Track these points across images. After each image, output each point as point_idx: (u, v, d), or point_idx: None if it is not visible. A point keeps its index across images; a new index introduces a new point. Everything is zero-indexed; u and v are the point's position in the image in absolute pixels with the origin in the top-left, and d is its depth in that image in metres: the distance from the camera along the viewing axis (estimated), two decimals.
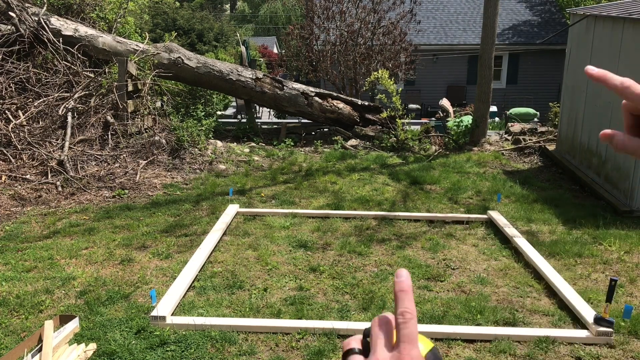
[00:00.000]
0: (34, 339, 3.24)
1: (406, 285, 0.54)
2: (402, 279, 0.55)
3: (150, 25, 20.77)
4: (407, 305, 0.53)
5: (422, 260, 4.86)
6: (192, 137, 8.17)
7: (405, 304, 0.53)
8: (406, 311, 0.52)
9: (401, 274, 0.55)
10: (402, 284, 0.54)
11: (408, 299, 0.53)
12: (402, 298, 0.53)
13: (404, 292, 0.54)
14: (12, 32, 8.06)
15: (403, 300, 0.53)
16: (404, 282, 0.54)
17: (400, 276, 0.55)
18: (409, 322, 0.52)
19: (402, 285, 0.54)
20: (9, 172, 6.67)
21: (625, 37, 6.81)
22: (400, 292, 0.54)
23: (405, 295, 0.53)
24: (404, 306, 0.53)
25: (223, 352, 3.37)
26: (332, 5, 13.29)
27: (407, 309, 0.52)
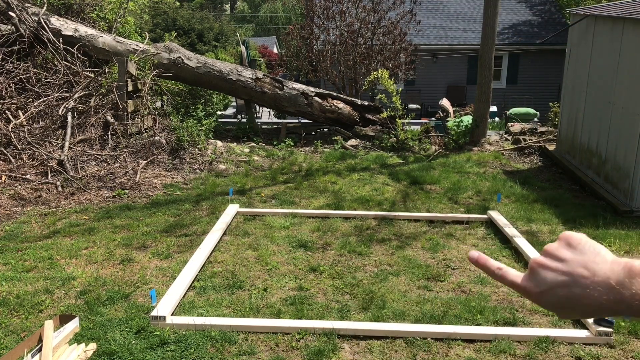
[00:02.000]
0: (34, 339, 3.24)
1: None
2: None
3: (150, 25, 20.77)
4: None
5: (422, 260, 4.86)
6: (192, 137, 8.17)
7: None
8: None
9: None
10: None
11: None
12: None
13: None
14: (12, 32, 8.06)
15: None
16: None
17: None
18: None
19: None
20: (9, 172, 6.67)
21: (625, 37, 6.81)
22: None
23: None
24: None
25: (223, 352, 3.37)
26: (332, 5, 13.29)
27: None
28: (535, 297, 0.62)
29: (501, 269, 0.66)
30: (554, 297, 0.60)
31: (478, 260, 0.67)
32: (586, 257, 0.59)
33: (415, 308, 3.97)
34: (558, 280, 0.59)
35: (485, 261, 0.67)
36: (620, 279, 0.56)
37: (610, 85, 7.13)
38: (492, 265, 0.67)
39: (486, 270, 0.67)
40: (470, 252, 0.68)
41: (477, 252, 0.67)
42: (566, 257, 0.60)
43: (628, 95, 6.63)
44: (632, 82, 6.51)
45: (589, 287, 0.57)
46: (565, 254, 0.61)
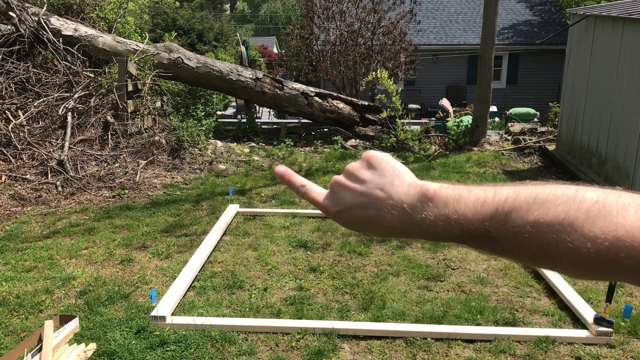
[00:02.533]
0: (34, 339, 3.24)
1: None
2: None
3: (150, 25, 20.77)
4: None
5: (422, 260, 4.86)
6: (192, 137, 8.17)
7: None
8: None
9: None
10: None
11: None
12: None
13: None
14: (12, 32, 8.06)
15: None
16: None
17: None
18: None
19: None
20: (9, 172, 6.67)
21: (625, 37, 6.81)
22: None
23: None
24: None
25: (223, 352, 3.37)
26: (332, 5, 13.29)
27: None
28: (332, 215, 0.62)
29: (305, 186, 0.64)
30: (350, 217, 0.60)
31: (284, 176, 0.65)
32: (385, 179, 0.58)
33: (415, 308, 3.97)
34: (355, 201, 0.59)
35: (291, 177, 0.65)
36: (413, 203, 0.56)
37: (610, 85, 7.13)
38: (297, 182, 0.65)
39: (291, 187, 0.65)
40: (277, 167, 0.66)
41: (283, 167, 0.65)
42: (365, 177, 0.59)
43: (628, 95, 6.63)
44: (632, 82, 6.51)
45: (383, 210, 0.57)
46: (365, 174, 0.60)
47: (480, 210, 0.53)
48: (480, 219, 0.53)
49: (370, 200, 0.58)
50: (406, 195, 0.57)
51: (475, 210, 0.53)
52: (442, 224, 0.54)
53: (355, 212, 0.59)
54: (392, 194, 0.57)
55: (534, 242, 0.50)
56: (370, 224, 0.59)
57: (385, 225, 0.57)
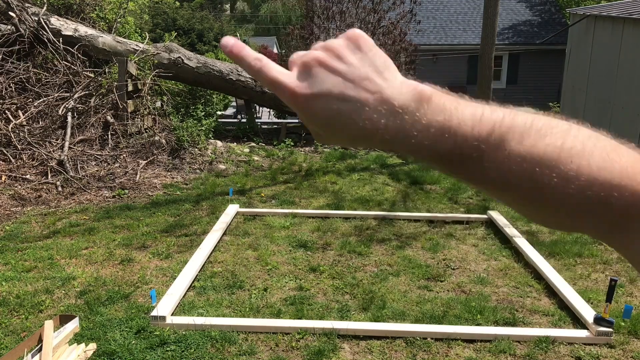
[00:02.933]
0: (34, 339, 3.24)
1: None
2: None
3: (150, 25, 20.77)
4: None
5: (422, 260, 4.86)
6: (192, 137, 8.17)
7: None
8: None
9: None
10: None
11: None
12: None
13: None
14: (12, 32, 8.06)
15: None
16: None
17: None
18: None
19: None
20: (9, 172, 6.67)
21: (625, 37, 6.81)
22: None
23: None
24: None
25: (223, 352, 3.37)
26: (332, 5, 13.29)
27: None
28: (301, 100, 0.48)
29: (260, 60, 0.49)
30: (325, 106, 0.47)
31: (232, 50, 0.49)
32: (375, 69, 0.48)
33: (415, 308, 3.97)
34: (335, 87, 0.47)
35: (241, 50, 0.49)
36: (406, 103, 0.46)
37: (610, 85, 7.13)
38: (249, 56, 0.49)
39: (242, 62, 0.50)
40: (224, 39, 0.50)
41: (232, 39, 0.50)
42: (351, 61, 0.48)
43: (628, 95, 6.63)
44: (632, 82, 6.51)
45: (368, 104, 0.46)
46: (351, 58, 0.48)
47: (477, 125, 0.46)
48: (476, 136, 0.46)
49: (355, 91, 0.47)
50: (399, 93, 0.47)
51: (473, 125, 0.46)
52: (434, 134, 0.46)
53: (332, 102, 0.47)
54: (383, 87, 0.47)
55: (525, 171, 0.45)
56: (346, 120, 0.47)
57: (364, 125, 0.46)
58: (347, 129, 0.47)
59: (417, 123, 0.46)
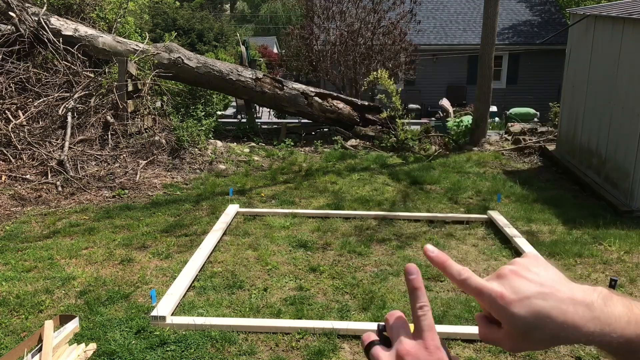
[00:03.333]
0: (34, 339, 3.24)
1: (419, 281, 0.60)
2: (414, 276, 0.60)
3: (150, 25, 20.77)
4: (424, 300, 0.59)
5: (422, 260, 4.86)
6: (192, 137, 8.17)
7: (422, 299, 0.59)
8: (424, 304, 0.59)
9: (412, 271, 0.60)
10: (415, 281, 0.59)
11: (422, 293, 0.59)
12: (418, 295, 0.59)
13: (419, 289, 0.59)
14: (12, 32, 8.06)
15: (419, 296, 0.59)
16: (417, 279, 0.60)
17: (412, 273, 0.60)
18: (428, 313, 0.58)
19: (415, 282, 0.59)
20: (9, 172, 6.67)
21: (625, 37, 6.81)
22: (416, 290, 0.59)
23: (420, 292, 0.59)
24: (422, 301, 0.59)
25: (223, 352, 3.37)
26: (332, 5, 13.29)
27: (424, 302, 0.59)
28: (509, 304, 0.57)
29: (465, 271, 0.60)
30: (530, 306, 0.57)
31: (435, 259, 0.61)
32: (559, 277, 0.60)
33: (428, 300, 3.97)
34: (536, 289, 0.58)
35: (445, 260, 0.61)
36: (595, 300, 0.58)
37: (610, 85, 7.13)
38: (454, 267, 0.60)
39: (445, 271, 0.61)
40: (427, 247, 0.61)
41: (434, 249, 0.61)
42: (540, 272, 0.60)
43: (628, 95, 6.63)
44: (632, 82, 6.51)
45: (564, 302, 0.57)
46: (539, 269, 0.60)
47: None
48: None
49: (551, 292, 0.58)
50: (584, 292, 0.58)
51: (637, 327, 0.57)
52: (620, 323, 0.57)
53: (536, 302, 0.57)
54: (572, 289, 0.58)
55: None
56: (549, 317, 0.57)
57: (565, 319, 0.57)
58: (550, 325, 0.57)
59: (605, 315, 0.57)
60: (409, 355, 0.56)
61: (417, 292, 0.59)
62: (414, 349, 0.57)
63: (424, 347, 0.57)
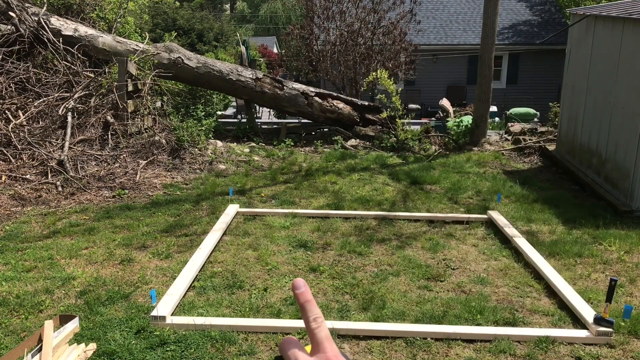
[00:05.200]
0: (34, 339, 3.24)
1: (308, 294, 0.58)
2: (301, 289, 0.58)
3: (150, 25, 20.77)
4: (315, 312, 0.57)
5: (422, 260, 4.86)
6: (192, 137, 8.17)
7: (314, 311, 0.57)
8: (317, 316, 0.57)
9: (299, 285, 0.58)
10: (304, 295, 0.58)
11: (313, 305, 0.58)
12: (309, 308, 0.58)
13: (309, 302, 0.58)
14: (12, 32, 8.06)
15: (311, 309, 0.58)
16: (305, 293, 0.58)
17: (299, 287, 0.58)
18: (322, 324, 0.57)
19: (305, 296, 0.58)
20: (9, 172, 6.67)
21: (625, 37, 6.81)
22: (306, 303, 0.58)
23: (311, 304, 0.58)
24: (314, 313, 0.57)
25: (223, 352, 3.37)
26: (332, 5, 13.30)
27: (317, 314, 0.57)
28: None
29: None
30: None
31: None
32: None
33: (415, 308, 3.97)
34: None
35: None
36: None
37: (610, 85, 7.13)
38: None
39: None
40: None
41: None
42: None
43: (628, 95, 6.63)
44: (632, 82, 6.51)
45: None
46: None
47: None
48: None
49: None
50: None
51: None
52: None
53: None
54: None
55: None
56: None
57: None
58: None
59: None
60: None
61: (307, 305, 0.58)
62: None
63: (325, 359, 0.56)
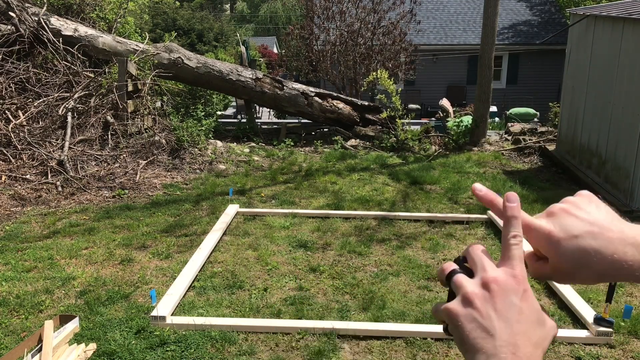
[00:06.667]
0: (34, 339, 3.24)
1: (517, 210, 0.58)
2: (514, 204, 0.58)
3: (150, 25, 20.78)
4: (518, 230, 0.56)
5: (422, 260, 4.86)
6: (192, 137, 8.17)
7: (517, 229, 0.56)
8: (518, 234, 0.56)
9: (513, 199, 0.58)
10: (514, 209, 0.57)
11: (519, 224, 0.57)
12: (514, 224, 0.57)
13: (516, 217, 0.57)
14: (12, 32, 8.06)
15: (515, 225, 0.57)
16: (516, 208, 0.58)
17: (512, 201, 0.58)
18: (520, 244, 0.56)
19: (514, 210, 0.57)
20: (9, 172, 6.67)
21: (625, 37, 6.81)
22: (513, 218, 0.57)
23: (517, 221, 0.57)
24: (516, 230, 0.56)
25: (223, 352, 3.37)
26: (332, 5, 13.30)
27: (518, 232, 0.56)
28: (555, 242, 0.57)
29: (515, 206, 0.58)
30: (579, 246, 0.56)
31: (483, 198, 0.60)
32: (610, 215, 0.59)
33: (415, 308, 3.97)
34: (585, 228, 0.57)
35: (493, 199, 0.60)
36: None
37: (610, 85, 7.13)
38: (501, 205, 0.59)
39: (493, 209, 0.60)
40: (475, 185, 0.61)
41: (482, 187, 0.61)
42: (591, 210, 0.59)
43: (628, 95, 6.63)
44: (632, 82, 6.51)
45: (614, 242, 0.56)
46: (590, 207, 0.59)
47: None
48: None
49: (600, 231, 0.57)
50: (635, 232, 0.57)
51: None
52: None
53: (585, 241, 0.56)
54: (623, 229, 0.57)
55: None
56: (597, 255, 0.56)
57: (613, 259, 0.56)
58: (597, 264, 0.56)
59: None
60: (496, 282, 0.53)
61: (514, 220, 0.57)
62: (502, 277, 0.53)
63: (512, 276, 0.53)
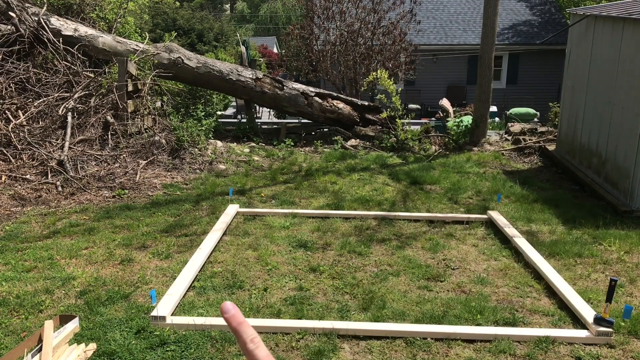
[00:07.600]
0: (34, 339, 3.24)
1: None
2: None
3: (150, 25, 20.78)
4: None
5: (422, 260, 4.86)
6: (192, 137, 8.17)
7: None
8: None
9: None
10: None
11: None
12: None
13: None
14: (12, 32, 8.06)
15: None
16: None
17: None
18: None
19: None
20: (9, 172, 6.67)
21: (625, 37, 6.81)
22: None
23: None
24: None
25: (223, 352, 3.37)
26: (332, 5, 13.30)
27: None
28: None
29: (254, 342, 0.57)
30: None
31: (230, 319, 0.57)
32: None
33: (415, 308, 3.97)
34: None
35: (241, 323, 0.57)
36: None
37: (610, 85, 7.13)
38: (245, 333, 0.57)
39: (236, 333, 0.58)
40: (224, 305, 0.58)
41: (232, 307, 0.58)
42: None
43: (628, 95, 6.63)
44: (632, 82, 6.51)
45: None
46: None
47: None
48: None
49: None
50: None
51: None
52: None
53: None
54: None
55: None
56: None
57: None
58: None
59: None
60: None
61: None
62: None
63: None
